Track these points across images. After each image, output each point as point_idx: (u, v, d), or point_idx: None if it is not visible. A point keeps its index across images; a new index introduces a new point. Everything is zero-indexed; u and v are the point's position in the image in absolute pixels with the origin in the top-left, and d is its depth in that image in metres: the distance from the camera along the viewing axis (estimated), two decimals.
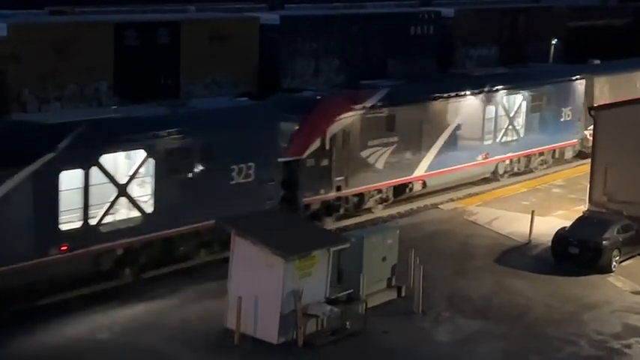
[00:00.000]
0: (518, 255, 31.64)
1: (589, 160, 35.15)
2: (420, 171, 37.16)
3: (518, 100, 42.05)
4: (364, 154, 34.63)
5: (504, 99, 41.29)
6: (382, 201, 36.16)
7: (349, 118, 34.04)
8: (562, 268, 30.17)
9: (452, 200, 38.22)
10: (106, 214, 26.37)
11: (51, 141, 25.12)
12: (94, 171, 26.00)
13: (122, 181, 26.80)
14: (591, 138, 35.31)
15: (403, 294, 27.10)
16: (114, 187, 26.55)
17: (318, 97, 34.67)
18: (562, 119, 44.25)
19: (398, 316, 25.81)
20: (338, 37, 50.98)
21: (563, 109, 44.26)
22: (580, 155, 45.74)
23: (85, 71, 39.98)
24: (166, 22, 44.29)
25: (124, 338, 23.68)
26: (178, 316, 25.25)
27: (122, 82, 41.38)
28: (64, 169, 25.13)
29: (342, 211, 34.23)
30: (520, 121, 42.25)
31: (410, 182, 36.97)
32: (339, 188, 33.61)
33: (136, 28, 42.53)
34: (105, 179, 26.30)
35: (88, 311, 25.19)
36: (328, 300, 24.44)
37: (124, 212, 26.99)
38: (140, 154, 27.21)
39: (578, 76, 45.25)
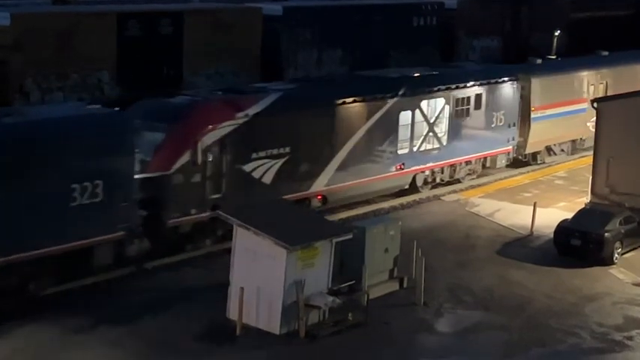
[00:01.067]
0: (520, 246, 31.66)
1: (522, 170, 39.93)
2: (319, 185, 32.82)
3: (440, 105, 37.33)
4: (247, 167, 30.35)
5: (423, 103, 36.66)
6: None
7: (228, 127, 29.79)
8: (564, 259, 30.19)
9: (454, 192, 38.20)
10: None
11: None
12: None
13: None
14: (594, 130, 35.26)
15: (405, 285, 27.12)
16: None
17: (191, 103, 30.49)
18: (493, 125, 39.72)
19: (400, 308, 25.85)
20: (340, 28, 50.99)
21: (494, 113, 39.67)
22: (516, 164, 42.09)
23: (87, 61, 40.03)
24: (169, 12, 44.32)
25: (125, 328, 23.72)
26: (181, 306, 25.29)
27: (124, 73, 41.42)
28: None
29: (219, 233, 29.64)
30: (443, 128, 37.58)
31: (306, 198, 32.52)
32: (214, 207, 28.50)
33: (138, 18, 42.55)
34: None
35: (90, 301, 25.23)
36: (330, 291, 24.47)
37: None
38: None
39: (512, 77, 40.80)
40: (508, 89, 40.58)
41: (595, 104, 34.45)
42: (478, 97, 39.00)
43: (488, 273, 29.02)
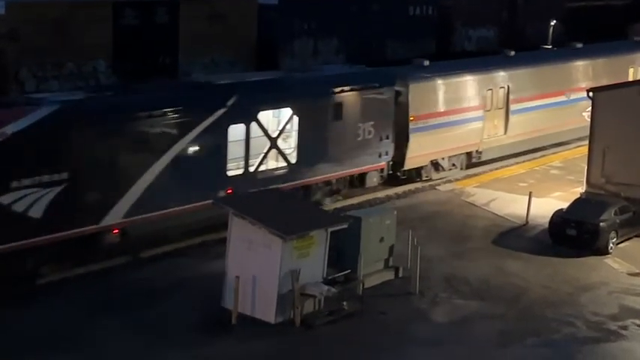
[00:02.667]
0: (515, 236, 31.69)
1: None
2: (115, 218, 26.87)
3: (286, 116, 31.29)
4: (4, 199, 24.49)
5: (263, 115, 30.53)
6: (49, 260, 26.08)
7: None
8: (559, 249, 30.23)
9: (450, 182, 38.21)
10: None
11: None
12: None
13: None
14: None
15: (401, 275, 27.15)
16: None
17: None
18: (359, 138, 33.61)
19: (395, 297, 25.88)
20: (336, 18, 50.93)
21: (361, 125, 33.57)
22: (391, 182, 36.87)
23: (83, 50, 39.96)
24: (165, 1, 44.23)
25: (122, 317, 23.73)
26: (176, 295, 25.30)
27: (120, 61, 41.36)
28: None
29: None
30: (290, 144, 31.58)
31: (96, 233, 26.68)
32: None
33: (134, 6, 42.46)
34: None
35: (86, 289, 25.23)
36: (326, 280, 24.48)
37: None
38: None
39: (384, 83, 34.99)
40: (379, 96, 34.33)
41: (590, 94, 34.45)
42: (337, 106, 32.74)
43: (484, 263, 29.05)
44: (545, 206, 33.40)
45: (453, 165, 38.76)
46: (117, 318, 23.68)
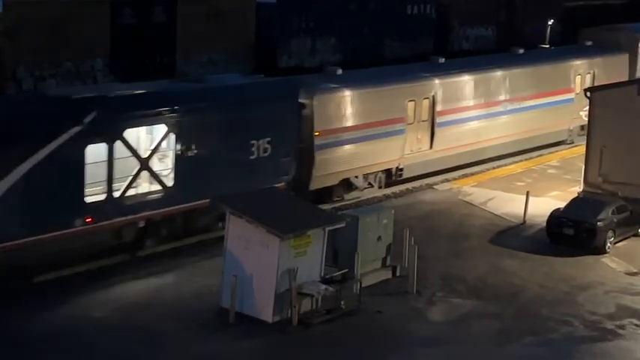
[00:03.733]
0: (512, 235, 31.70)
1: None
2: None
3: (160, 133, 27.66)
4: None
5: (130, 132, 26.95)
6: None
7: None
8: (556, 248, 30.23)
9: (447, 181, 38.22)
10: None
11: None
12: None
13: None
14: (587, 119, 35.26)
15: (398, 274, 27.15)
16: None
17: None
18: (253, 156, 29.84)
19: (392, 296, 25.88)
20: (334, 16, 50.90)
21: (254, 141, 29.85)
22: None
23: (80, 49, 39.91)
24: (162, 0, 44.18)
25: (119, 316, 23.73)
26: (174, 294, 25.30)
27: (118, 60, 41.32)
28: None
29: None
30: (166, 164, 28.07)
31: None
32: None
33: (131, 5, 42.41)
34: None
35: (85, 289, 25.22)
36: (323, 279, 24.48)
37: None
38: None
39: (285, 94, 31.34)
40: (277, 110, 30.61)
41: (587, 93, 34.48)
42: (226, 121, 29.19)
43: (481, 262, 29.06)
44: (543, 205, 33.40)
45: (370, 184, 35.55)
46: (115, 317, 23.67)
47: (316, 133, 32.76)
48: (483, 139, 40.01)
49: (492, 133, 40.34)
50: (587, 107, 34.84)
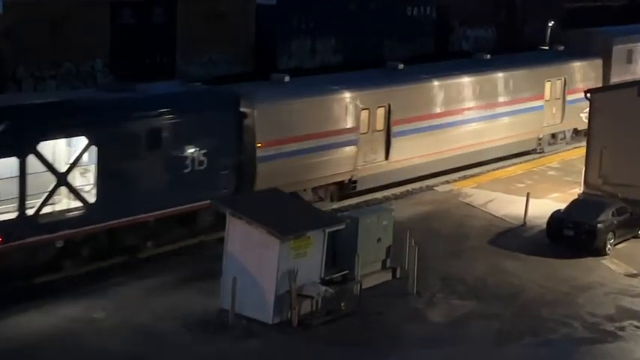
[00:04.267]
0: (512, 237, 31.69)
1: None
2: None
3: (80, 146, 25.72)
4: None
5: (44, 145, 24.98)
6: None
7: None
8: (557, 250, 30.23)
9: (447, 182, 38.21)
10: None
11: None
12: None
13: None
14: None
15: (398, 275, 27.14)
16: None
17: None
18: (188, 170, 27.95)
19: (392, 297, 25.87)
20: (334, 17, 50.91)
21: (189, 154, 27.90)
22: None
23: (80, 49, 39.91)
24: (162, 1, 44.18)
25: (119, 317, 23.72)
26: (174, 295, 25.29)
27: (118, 61, 41.32)
28: None
29: None
30: (88, 179, 26.13)
31: None
32: None
33: (132, 5, 42.41)
34: None
35: (84, 290, 25.21)
36: (323, 280, 24.48)
37: None
38: None
39: (223, 104, 29.50)
40: (215, 120, 28.75)
41: (587, 94, 34.48)
42: (155, 132, 27.19)
43: (481, 263, 29.06)
44: (543, 207, 33.39)
45: (320, 198, 33.44)
46: (113, 318, 23.66)
47: (258, 145, 30.58)
48: (444, 149, 37.90)
49: (454, 143, 38.34)
50: (587, 109, 34.85)
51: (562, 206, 31.68)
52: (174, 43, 43.86)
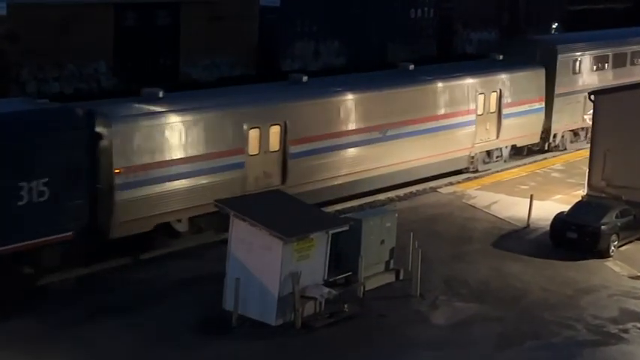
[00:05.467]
0: (516, 239, 31.68)
1: None
2: None
3: None
4: None
5: None
6: None
7: None
8: (560, 252, 30.21)
9: (451, 184, 38.19)
10: None
11: None
12: None
13: None
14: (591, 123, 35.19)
15: (401, 277, 27.15)
16: None
17: None
18: (23, 202, 24.13)
19: (396, 299, 25.87)
20: (338, 19, 50.93)
21: (24, 183, 24.12)
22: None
23: (84, 51, 39.94)
24: (166, 3, 44.20)
25: (121, 318, 23.72)
26: (176, 297, 25.29)
27: (121, 63, 41.35)
28: None
29: None
30: None
31: None
32: None
33: (135, 8, 42.45)
34: None
35: (86, 292, 25.23)
36: (326, 282, 24.48)
37: None
38: None
39: (69, 124, 25.57)
40: (60, 143, 24.98)
41: (592, 97, 34.47)
42: None
43: (484, 265, 29.04)
44: (547, 209, 33.38)
45: (201, 228, 29.69)
46: (117, 319, 23.67)
47: (116, 171, 26.81)
48: (353, 171, 33.56)
49: (365, 164, 34.03)
50: (592, 111, 34.83)
51: (566, 208, 31.67)
52: (178, 46, 43.88)
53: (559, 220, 30.78)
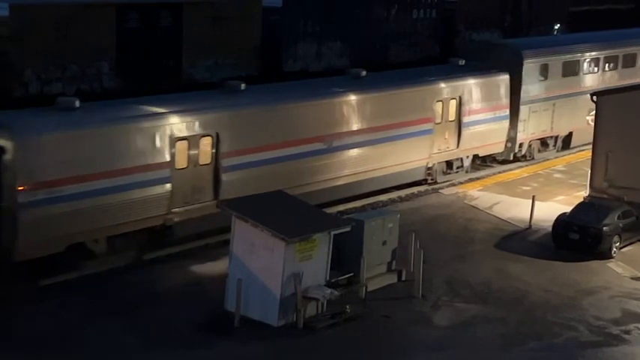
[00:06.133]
0: (518, 240, 31.68)
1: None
2: None
3: None
4: None
5: None
6: None
7: None
8: (562, 253, 30.21)
9: (453, 185, 38.19)
10: None
11: None
12: None
13: None
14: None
15: (403, 278, 27.16)
16: None
17: None
18: None
19: (398, 300, 25.87)
20: (340, 20, 50.94)
21: None
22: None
23: (86, 52, 39.97)
24: (168, 4, 44.22)
25: (123, 319, 23.73)
26: (178, 297, 25.30)
27: (124, 64, 41.38)
28: None
29: None
30: None
31: None
32: None
33: (137, 9, 42.47)
34: None
35: (88, 291, 25.25)
36: (328, 283, 24.49)
37: None
38: None
39: None
40: None
41: (594, 97, 34.47)
42: None
43: (486, 266, 29.04)
44: (549, 210, 33.38)
45: (124, 247, 27.59)
46: (119, 320, 23.69)
47: (20, 188, 24.68)
48: (293, 184, 30.54)
49: (307, 177, 31.75)
50: (594, 112, 34.84)
51: (568, 209, 31.67)
52: (180, 47, 43.90)
53: (561, 221, 30.78)
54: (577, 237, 30.08)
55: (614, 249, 30.18)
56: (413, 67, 41.11)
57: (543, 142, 43.38)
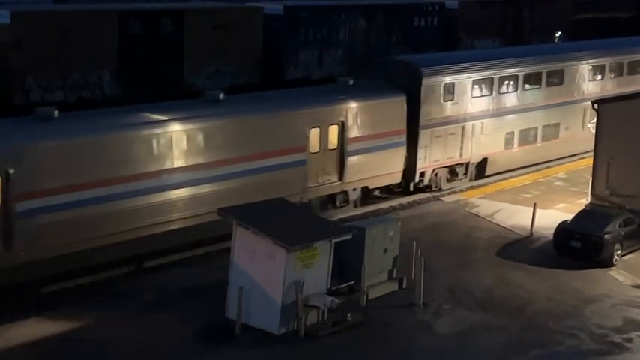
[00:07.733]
0: (519, 248, 31.65)
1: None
2: None
3: None
4: None
5: None
6: None
7: None
8: (563, 261, 30.17)
9: (454, 192, 38.18)
10: None
11: None
12: None
13: None
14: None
15: (404, 286, 27.12)
16: None
17: None
18: None
19: (399, 308, 25.85)
20: (342, 28, 51.07)
21: None
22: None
23: (88, 59, 40.06)
24: (170, 11, 44.36)
25: (123, 327, 23.73)
26: (179, 305, 25.29)
27: (125, 71, 41.46)
28: None
29: None
30: None
31: None
32: None
33: (139, 16, 42.59)
34: None
35: (85, 302, 25.24)
36: (329, 291, 24.47)
37: None
38: None
39: None
40: None
41: (595, 105, 34.47)
42: None
43: (488, 274, 29.01)
44: (550, 218, 33.34)
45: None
46: (119, 327, 23.67)
47: None
48: (124, 228, 26.48)
49: (141, 220, 26.92)
50: (595, 120, 34.82)
51: (569, 217, 31.64)
52: (182, 54, 44.00)
53: (562, 229, 30.75)
54: (578, 245, 30.05)
55: (616, 257, 30.15)
56: (302, 87, 37.44)
57: (452, 171, 38.27)
